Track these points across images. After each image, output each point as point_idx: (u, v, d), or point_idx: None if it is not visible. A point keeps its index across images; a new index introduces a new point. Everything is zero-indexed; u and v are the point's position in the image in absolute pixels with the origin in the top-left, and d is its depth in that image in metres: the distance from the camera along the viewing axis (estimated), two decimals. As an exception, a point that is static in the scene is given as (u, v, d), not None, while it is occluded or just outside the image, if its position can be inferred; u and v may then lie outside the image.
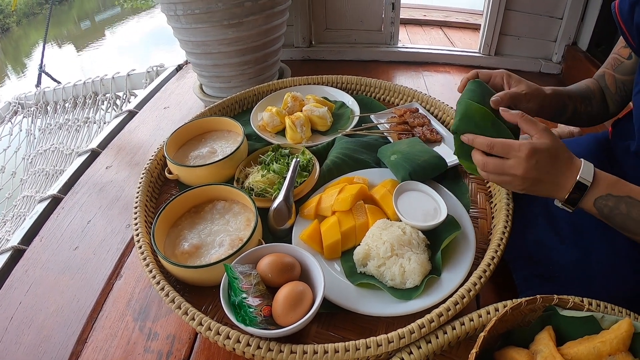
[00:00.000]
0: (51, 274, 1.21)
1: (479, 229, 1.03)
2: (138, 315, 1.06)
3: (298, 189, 1.02)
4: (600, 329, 0.72)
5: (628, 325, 0.69)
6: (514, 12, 2.45)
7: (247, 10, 1.73)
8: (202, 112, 1.35)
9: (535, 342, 0.72)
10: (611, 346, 0.67)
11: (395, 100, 1.48)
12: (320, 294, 0.75)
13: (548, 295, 0.75)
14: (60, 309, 1.10)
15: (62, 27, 11.81)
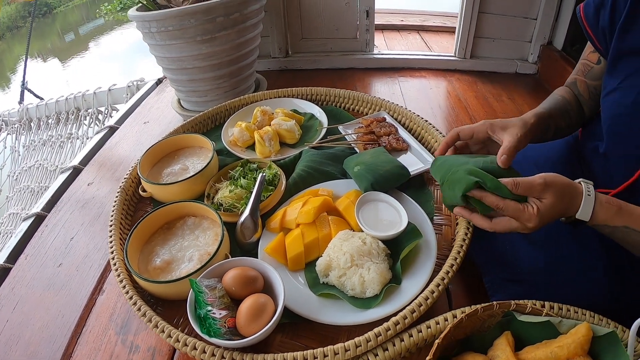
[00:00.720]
0: (36, 291, 1.23)
1: (442, 235, 1.06)
2: (120, 329, 1.08)
3: (264, 203, 1.05)
4: (559, 333, 0.73)
5: (586, 329, 0.70)
6: (488, 15, 2.49)
7: (219, 25, 1.76)
8: (175, 130, 1.38)
9: (493, 347, 0.73)
10: (569, 351, 0.68)
11: (364, 109, 1.51)
12: (280, 305, 0.79)
13: (505, 301, 0.76)
14: (46, 325, 1.12)
15: (45, 40, 11.76)
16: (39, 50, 10.72)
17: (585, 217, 0.78)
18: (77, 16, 13.79)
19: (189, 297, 0.80)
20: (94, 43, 11.16)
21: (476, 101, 2.31)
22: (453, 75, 2.63)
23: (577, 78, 1.11)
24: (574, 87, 1.12)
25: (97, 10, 10.03)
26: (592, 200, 0.78)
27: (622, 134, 0.91)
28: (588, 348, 0.69)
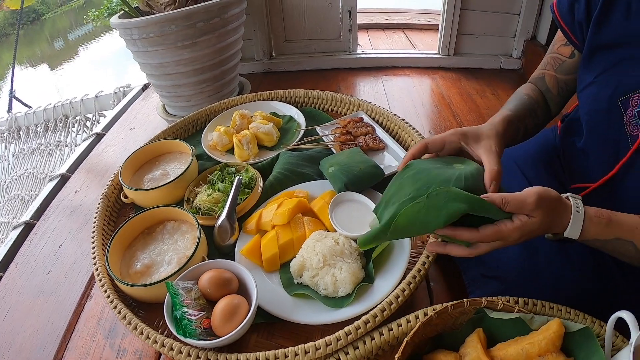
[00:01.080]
0: (27, 298, 1.25)
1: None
2: (108, 333, 1.11)
3: (241, 205, 1.07)
4: (531, 330, 0.73)
5: (557, 325, 0.69)
6: (471, 12, 2.51)
7: (199, 30, 1.78)
8: (156, 136, 1.40)
9: (464, 344, 0.73)
10: (539, 347, 0.68)
11: (342, 110, 1.53)
12: (253, 305, 0.81)
13: (476, 299, 0.76)
14: (37, 332, 1.14)
15: (34, 47, 11.71)
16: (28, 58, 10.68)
17: (575, 235, 0.75)
18: (66, 22, 13.72)
19: (166, 300, 0.83)
20: (83, 49, 11.12)
21: (460, 98, 2.33)
22: (437, 73, 2.65)
23: (545, 72, 1.08)
24: (541, 83, 1.09)
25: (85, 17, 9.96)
26: (582, 217, 0.74)
27: (599, 129, 0.92)
28: (560, 344, 0.69)
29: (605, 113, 0.88)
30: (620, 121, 0.85)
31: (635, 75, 0.82)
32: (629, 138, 0.84)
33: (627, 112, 0.84)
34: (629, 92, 0.83)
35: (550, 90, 1.07)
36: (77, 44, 11.73)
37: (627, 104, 0.83)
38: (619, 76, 0.86)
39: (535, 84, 1.11)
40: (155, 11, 1.91)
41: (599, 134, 0.92)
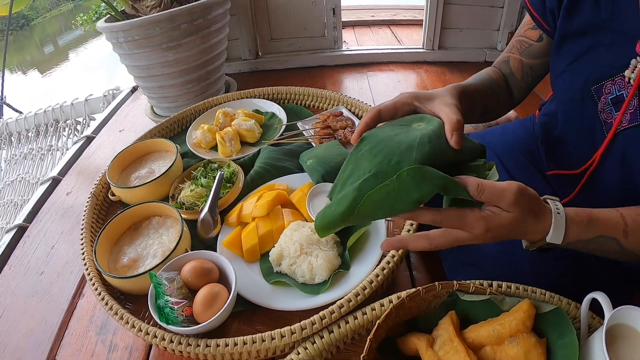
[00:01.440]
0: (21, 299, 1.28)
1: (395, 223, 1.10)
2: (100, 329, 1.14)
3: (223, 199, 1.11)
4: (501, 311, 0.73)
5: (527, 306, 0.69)
6: (454, 6, 2.54)
7: (184, 32, 1.82)
8: (142, 136, 1.44)
9: (437, 327, 0.74)
10: (510, 328, 0.68)
11: (323, 105, 1.57)
12: (232, 292, 0.85)
13: (448, 282, 0.76)
14: (31, 331, 1.17)
15: (25, 53, 11.68)
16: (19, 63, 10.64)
17: (558, 239, 0.69)
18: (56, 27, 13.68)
19: (150, 290, 0.86)
20: (73, 53, 11.10)
21: (444, 91, 2.37)
22: (422, 67, 2.68)
23: (510, 56, 1.03)
24: (505, 67, 1.05)
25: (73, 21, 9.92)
26: (563, 219, 0.69)
27: (574, 117, 0.92)
28: (531, 324, 0.69)
29: (579, 102, 0.88)
30: (594, 109, 0.85)
31: (607, 63, 0.82)
32: (604, 125, 0.84)
33: (601, 100, 0.83)
34: (601, 79, 0.82)
35: (514, 74, 1.04)
36: (67, 49, 11.69)
37: (600, 92, 0.83)
38: (590, 64, 0.85)
39: (499, 67, 1.06)
40: (141, 14, 1.94)
41: (575, 122, 0.92)
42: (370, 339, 0.69)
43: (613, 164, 0.85)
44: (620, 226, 0.72)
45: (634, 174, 0.81)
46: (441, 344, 0.70)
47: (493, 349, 0.69)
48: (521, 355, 0.66)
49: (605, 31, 0.82)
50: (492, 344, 0.69)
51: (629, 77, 0.77)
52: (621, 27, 0.79)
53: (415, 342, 0.72)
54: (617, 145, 0.82)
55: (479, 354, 0.69)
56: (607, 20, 0.81)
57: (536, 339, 0.68)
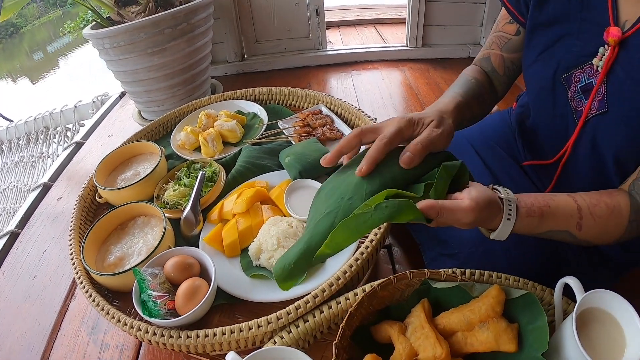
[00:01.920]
0: (14, 303, 1.32)
1: None
2: (91, 330, 1.20)
3: (204, 198, 1.14)
4: (471, 297, 0.75)
5: (496, 291, 0.71)
6: (436, 3, 2.60)
7: (168, 36, 1.86)
8: (128, 139, 1.47)
9: (410, 314, 0.76)
10: (480, 313, 0.70)
11: (304, 104, 1.60)
12: (212, 285, 0.88)
13: (419, 270, 0.78)
14: (25, 334, 1.22)
15: (14, 61, 11.66)
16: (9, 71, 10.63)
17: (502, 237, 0.73)
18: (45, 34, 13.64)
19: (134, 285, 0.90)
20: (63, 60, 11.10)
21: (427, 88, 2.42)
22: (405, 65, 2.74)
23: (491, 52, 1.05)
24: (486, 64, 1.07)
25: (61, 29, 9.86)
26: (512, 224, 0.71)
27: (546, 106, 0.94)
28: (501, 310, 0.70)
29: (550, 91, 0.90)
30: (565, 98, 0.88)
31: (576, 51, 0.84)
32: (575, 113, 0.86)
33: (571, 89, 0.86)
34: (570, 68, 0.85)
35: (496, 70, 1.05)
36: (56, 55, 11.66)
37: (570, 81, 0.85)
38: (560, 53, 0.87)
39: (480, 65, 1.09)
40: (126, 20, 1.97)
41: (546, 111, 0.95)
42: (342, 327, 0.70)
43: (585, 151, 0.88)
44: (574, 219, 0.75)
45: (605, 160, 0.84)
46: (412, 330, 0.72)
47: (464, 335, 0.70)
48: (491, 339, 0.68)
49: (574, 21, 0.84)
50: (463, 329, 0.71)
51: (597, 65, 0.80)
52: (590, 16, 0.82)
53: (387, 329, 0.74)
54: (587, 133, 0.85)
55: (450, 340, 0.71)
56: (576, 9, 0.83)
57: (507, 324, 0.69)
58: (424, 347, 0.68)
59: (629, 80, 0.76)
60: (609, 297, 0.65)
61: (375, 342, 0.77)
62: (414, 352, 0.70)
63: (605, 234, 0.77)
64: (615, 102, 0.78)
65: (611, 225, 0.76)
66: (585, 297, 0.65)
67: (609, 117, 0.80)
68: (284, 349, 0.73)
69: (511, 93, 1.72)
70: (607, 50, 0.78)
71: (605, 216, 0.75)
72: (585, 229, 0.75)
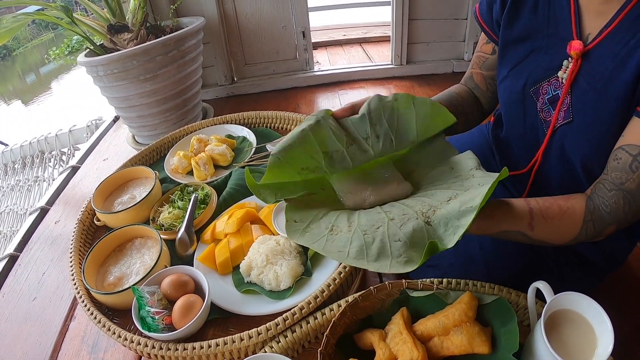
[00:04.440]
0: (15, 324, 1.36)
1: None
2: (91, 349, 1.22)
3: (198, 219, 1.21)
4: (445, 304, 0.81)
5: (468, 297, 0.77)
6: (419, 21, 2.68)
7: (159, 64, 1.93)
8: (123, 164, 1.54)
9: (390, 322, 0.81)
10: (454, 319, 0.75)
11: (291, 127, 1.68)
12: (206, 300, 0.95)
13: (397, 281, 0.85)
14: (26, 354, 1.25)
15: (7, 84, 11.69)
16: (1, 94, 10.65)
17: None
18: (37, 57, 13.67)
19: (133, 302, 0.96)
20: (55, 82, 11.13)
21: (412, 105, 2.48)
22: (391, 83, 2.80)
23: (473, 71, 1.13)
24: (470, 82, 1.14)
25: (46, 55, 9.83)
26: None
27: (516, 118, 0.99)
28: (473, 315, 0.76)
29: (520, 103, 0.95)
30: (534, 109, 0.93)
31: (543, 65, 0.89)
32: (544, 124, 0.91)
33: (539, 100, 0.91)
34: (538, 81, 0.90)
35: (480, 87, 1.13)
36: (49, 77, 11.68)
37: (538, 93, 0.90)
38: (529, 67, 0.92)
39: (465, 84, 1.16)
40: (119, 47, 2.04)
41: (517, 122, 0.99)
42: (327, 335, 0.77)
43: (555, 159, 0.94)
44: (526, 220, 0.79)
45: (574, 167, 0.90)
46: (392, 336, 0.78)
47: (440, 339, 0.76)
48: (465, 342, 0.73)
49: (541, 36, 0.90)
50: (439, 334, 0.77)
51: (562, 77, 0.86)
52: (555, 31, 0.88)
53: (369, 336, 0.80)
54: (556, 142, 0.92)
55: (428, 345, 0.77)
56: (543, 25, 0.90)
57: (480, 328, 0.75)
58: (402, 351, 0.74)
59: (591, 91, 0.81)
60: (579, 298, 0.69)
61: (359, 348, 0.82)
62: (394, 357, 0.75)
63: (559, 234, 0.81)
64: (580, 111, 0.84)
65: (564, 225, 0.80)
66: (554, 299, 0.69)
67: (575, 126, 0.85)
68: (274, 356, 0.80)
69: None
70: (571, 63, 0.84)
71: (557, 217, 0.80)
72: (537, 228, 0.79)
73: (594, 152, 0.84)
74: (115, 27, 2.06)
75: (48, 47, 13.56)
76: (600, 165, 0.83)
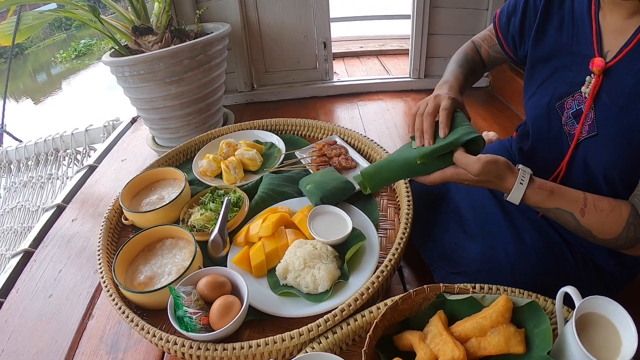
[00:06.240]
0: (29, 321, 1.35)
1: (387, 237, 1.22)
2: (110, 348, 1.22)
3: (230, 222, 1.22)
4: (482, 307, 0.85)
5: (505, 300, 0.81)
6: (438, 36, 2.71)
7: (185, 67, 1.94)
8: (150, 164, 1.53)
9: (428, 324, 0.85)
10: (491, 320, 0.80)
11: (318, 135, 1.69)
12: (245, 301, 0.95)
13: (435, 284, 0.89)
14: (41, 352, 1.24)
15: (18, 81, 11.69)
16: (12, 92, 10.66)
17: (515, 200, 0.89)
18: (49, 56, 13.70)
19: (169, 302, 0.96)
20: (66, 82, 11.15)
21: (430, 118, 2.49)
22: (409, 95, 2.82)
23: (482, 45, 1.26)
24: (480, 49, 1.27)
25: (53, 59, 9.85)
26: (524, 188, 0.88)
27: (542, 131, 1.05)
28: (509, 316, 0.80)
29: (546, 117, 1.02)
30: (559, 123, 0.99)
31: (568, 81, 0.96)
32: (568, 137, 0.97)
33: (564, 114, 0.97)
34: (563, 96, 0.97)
35: (484, 58, 1.27)
36: (60, 77, 11.70)
37: (563, 107, 0.97)
38: (554, 84, 0.99)
39: (476, 47, 1.29)
40: (143, 49, 2.06)
41: (543, 135, 1.05)
42: (370, 336, 0.80)
43: (578, 170, 0.99)
44: (580, 204, 0.88)
45: (596, 178, 0.95)
46: (432, 337, 0.81)
47: (478, 340, 0.80)
48: (502, 343, 0.78)
49: (566, 54, 0.97)
50: (476, 335, 0.80)
51: (585, 93, 0.92)
52: (579, 49, 0.94)
53: (409, 337, 0.83)
54: (579, 154, 0.97)
55: (465, 345, 0.79)
56: (567, 44, 0.96)
57: (515, 329, 0.79)
58: (444, 351, 0.77)
59: (614, 106, 0.87)
60: (604, 302, 0.74)
61: (397, 350, 0.85)
62: (434, 357, 0.78)
63: (605, 228, 0.88)
64: (603, 125, 0.89)
65: (611, 220, 0.87)
66: (583, 302, 0.73)
67: (598, 140, 0.91)
68: (323, 354, 0.80)
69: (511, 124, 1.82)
70: (593, 79, 0.89)
71: (607, 210, 0.87)
72: (588, 216, 0.87)
73: (615, 164, 0.89)
74: (140, 29, 2.08)
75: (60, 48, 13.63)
76: (621, 177, 0.89)
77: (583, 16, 0.93)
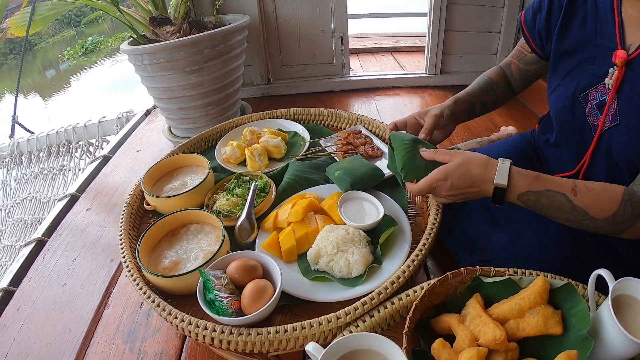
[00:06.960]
0: (42, 309, 1.33)
1: (417, 225, 1.19)
2: (127, 338, 1.20)
3: (258, 207, 1.19)
4: (520, 288, 0.85)
5: (542, 281, 0.82)
6: (454, 32, 2.70)
7: (206, 56, 1.92)
8: (172, 151, 1.51)
9: (465, 307, 0.85)
10: (530, 301, 0.80)
11: (341, 125, 1.67)
12: (278, 286, 0.92)
13: (472, 267, 0.89)
14: (54, 341, 1.22)
15: (27, 77, 11.71)
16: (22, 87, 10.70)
17: (503, 180, 0.91)
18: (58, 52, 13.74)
19: (199, 285, 0.93)
20: (75, 78, 11.18)
21: (447, 114, 2.47)
22: (425, 91, 2.81)
23: (512, 61, 1.27)
24: (507, 69, 1.29)
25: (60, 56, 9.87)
26: (507, 168, 0.92)
27: (566, 123, 1.06)
28: (547, 297, 0.81)
29: (570, 109, 1.04)
30: (583, 114, 1.01)
31: (592, 73, 0.98)
32: (592, 127, 0.99)
33: (588, 106, 0.99)
34: (587, 88, 0.99)
35: (514, 75, 1.28)
36: (68, 74, 11.77)
37: (587, 99, 0.99)
38: (578, 76, 1.02)
39: (503, 68, 1.31)
40: (161, 39, 2.04)
41: (567, 127, 1.08)
42: (409, 318, 0.80)
43: (601, 160, 1.01)
44: (569, 185, 0.90)
45: (619, 167, 0.97)
46: (470, 319, 0.81)
47: (516, 322, 0.80)
48: (541, 323, 0.78)
49: (589, 48, 1.00)
50: (514, 317, 0.80)
51: (608, 84, 0.94)
52: (602, 42, 0.97)
53: (447, 320, 0.82)
54: (603, 144, 0.99)
55: (504, 327, 0.79)
56: (591, 37, 0.99)
57: (552, 310, 0.80)
58: (484, 332, 0.77)
59: (636, 97, 0.89)
60: (637, 284, 0.75)
61: (434, 332, 0.85)
62: (475, 338, 0.78)
63: (602, 204, 0.88)
64: (626, 115, 0.92)
65: (605, 198, 0.88)
66: (617, 283, 0.74)
67: (621, 129, 0.93)
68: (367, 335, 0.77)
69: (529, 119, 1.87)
70: (616, 71, 0.92)
71: (598, 189, 0.89)
72: (580, 195, 0.89)
73: (639, 153, 0.92)
74: (158, 20, 2.06)
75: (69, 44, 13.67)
76: None
77: (606, 10, 0.96)
